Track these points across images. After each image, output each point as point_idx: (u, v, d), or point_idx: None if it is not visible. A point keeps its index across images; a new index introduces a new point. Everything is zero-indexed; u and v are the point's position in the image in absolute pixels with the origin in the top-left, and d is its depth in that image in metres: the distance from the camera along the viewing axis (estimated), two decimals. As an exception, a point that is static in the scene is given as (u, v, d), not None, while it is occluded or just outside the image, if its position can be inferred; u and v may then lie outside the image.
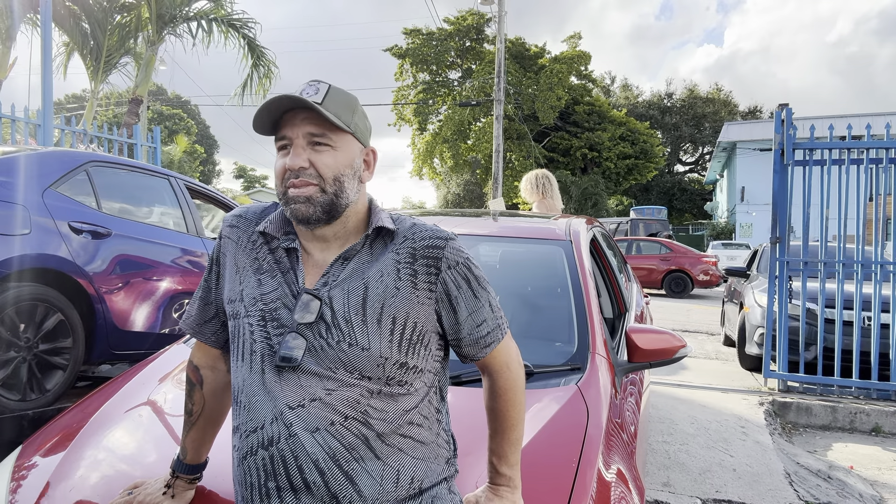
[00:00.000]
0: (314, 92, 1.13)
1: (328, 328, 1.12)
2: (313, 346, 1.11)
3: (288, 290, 1.16)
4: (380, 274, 1.15)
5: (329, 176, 1.14)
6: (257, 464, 1.10)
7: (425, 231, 1.19)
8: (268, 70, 12.33)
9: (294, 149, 1.14)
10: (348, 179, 1.17)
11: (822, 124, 5.77)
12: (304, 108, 1.13)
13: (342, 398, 1.09)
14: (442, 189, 40.21)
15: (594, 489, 1.41)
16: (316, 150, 1.14)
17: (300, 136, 1.14)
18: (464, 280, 1.18)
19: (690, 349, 2.19)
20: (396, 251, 1.17)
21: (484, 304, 1.21)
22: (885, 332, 5.24)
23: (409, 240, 1.18)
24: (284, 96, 1.12)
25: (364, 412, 1.10)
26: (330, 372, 1.10)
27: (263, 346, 1.13)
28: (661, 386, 5.69)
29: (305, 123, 1.14)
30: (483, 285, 1.22)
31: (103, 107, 18.72)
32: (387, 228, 1.18)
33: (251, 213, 1.29)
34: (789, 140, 5.36)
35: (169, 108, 42.48)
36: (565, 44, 37.80)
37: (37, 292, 3.25)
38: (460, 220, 2.84)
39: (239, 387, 1.16)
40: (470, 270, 1.20)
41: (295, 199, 1.13)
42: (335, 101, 1.14)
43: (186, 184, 4.70)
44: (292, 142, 1.14)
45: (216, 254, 1.30)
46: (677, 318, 11.21)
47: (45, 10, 7.17)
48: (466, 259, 1.20)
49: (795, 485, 3.68)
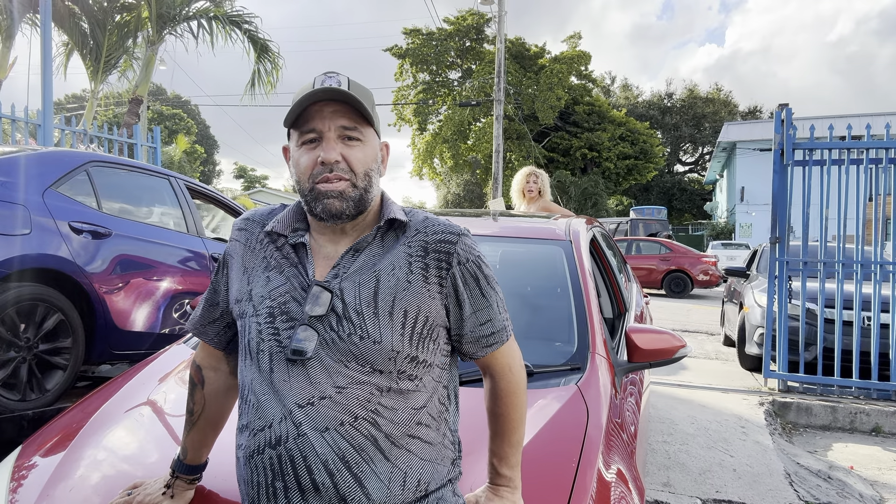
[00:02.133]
0: (337, 84, 1.11)
1: (339, 320, 1.10)
2: (325, 340, 1.09)
3: (297, 283, 1.14)
4: (391, 266, 1.13)
5: (360, 171, 1.13)
6: (264, 463, 1.09)
7: (438, 225, 1.18)
8: (274, 63, 12.25)
9: (326, 142, 1.11)
10: (374, 174, 1.17)
11: (822, 124, 5.77)
12: (336, 100, 1.10)
13: (353, 396, 1.08)
14: (442, 189, 40.22)
15: (594, 489, 1.41)
16: (348, 144, 1.13)
17: (332, 129, 1.11)
18: (472, 277, 1.18)
19: (690, 349, 2.20)
20: (408, 244, 1.16)
21: (491, 304, 1.20)
22: (884, 332, 5.24)
23: (422, 233, 1.17)
24: (328, 89, 1.09)
25: (374, 411, 1.09)
26: (341, 366, 1.09)
27: (272, 342, 1.12)
28: (661, 386, 5.69)
29: (337, 116, 1.11)
30: (492, 285, 1.21)
31: (103, 107, 18.72)
32: (399, 220, 1.17)
33: (259, 216, 1.28)
34: (789, 140, 5.36)
35: (169, 108, 42.48)
36: (565, 44, 37.82)
37: (37, 292, 3.25)
38: (460, 221, 2.84)
39: (247, 385, 1.15)
40: (480, 269, 1.19)
41: (328, 193, 1.11)
42: (359, 94, 1.12)
43: (187, 184, 4.70)
44: (323, 135, 1.12)
45: (226, 256, 1.29)
46: (677, 318, 11.21)
47: (45, 9, 7.17)
48: (478, 257, 1.19)
49: (795, 485, 3.68)
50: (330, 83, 1.11)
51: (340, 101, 1.11)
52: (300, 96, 1.12)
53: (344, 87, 1.10)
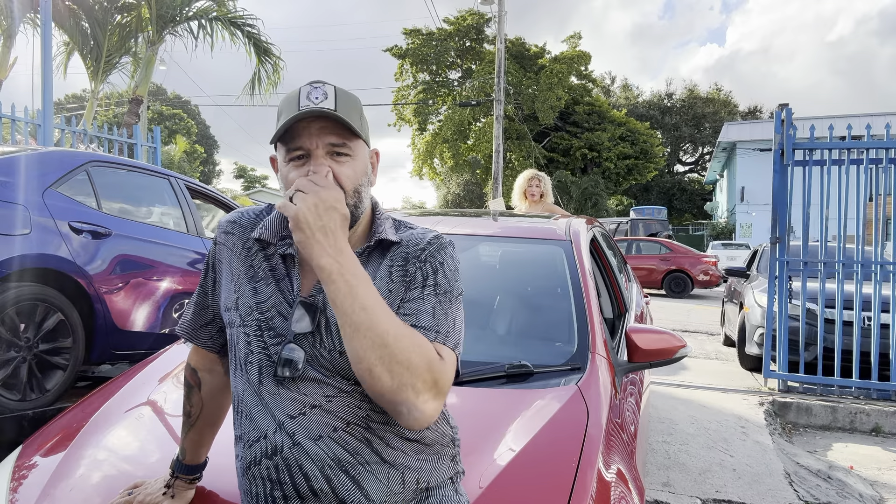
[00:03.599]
0: (323, 96, 1.08)
1: (322, 337, 1.10)
2: (311, 356, 1.09)
3: (283, 297, 1.13)
4: (374, 279, 1.12)
5: (350, 188, 1.11)
6: (262, 473, 1.09)
7: (418, 236, 1.17)
8: (275, 65, 12.21)
9: (315, 160, 1.09)
10: (364, 188, 1.15)
11: (822, 124, 5.76)
12: (323, 117, 1.08)
13: (342, 405, 1.08)
14: (442, 189, 40.22)
15: (594, 489, 1.41)
16: (336, 160, 1.10)
17: (320, 146, 1.09)
18: (422, 275, 1.12)
19: (690, 349, 2.20)
20: (391, 258, 1.15)
21: (424, 301, 1.10)
22: (885, 332, 5.24)
23: (404, 246, 1.16)
24: (314, 110, 1.06)
25: (366, 417, 1.09)
26: (327, 379, 1.09)
27: (261, 356, 1.11)
28: (661, 386, 5.69)
29: (325, 133, 1.09)
30: (437, 292, 1.11)
31: (103, 107, 18.72)
32: (388, 241, 1.16)
33: (246, 219, 1.24)
34: (789, 140, 5.36)
35: (169, 109, 42.48)
36: (565, 44, 37.84)
37: (37, 292, 3.25)
38: (460, 220, 2.84)
39: (239, 396, 1.15)
40: (435, 273, 1.12)
41: None
42: (346, 105, 1.10)
43: (186, 184, 4.71)
44: (311, 153, 1.09)
45: (212, 259, 1.27)
46: (677, 318, 11.21)
47: (45, 9, 7.17)
48: (440, 263, 1.14)
49: (795, 485, 3.68)
50: (316, 95, 1.08)
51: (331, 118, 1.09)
52: (287, 113, 1.09)
53: (330, 101, 1.07)
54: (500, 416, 1.66)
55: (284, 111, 1.10)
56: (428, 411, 1.01)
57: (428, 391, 1.00)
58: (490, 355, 1.94)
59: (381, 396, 1.00)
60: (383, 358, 0.97)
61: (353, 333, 0.98)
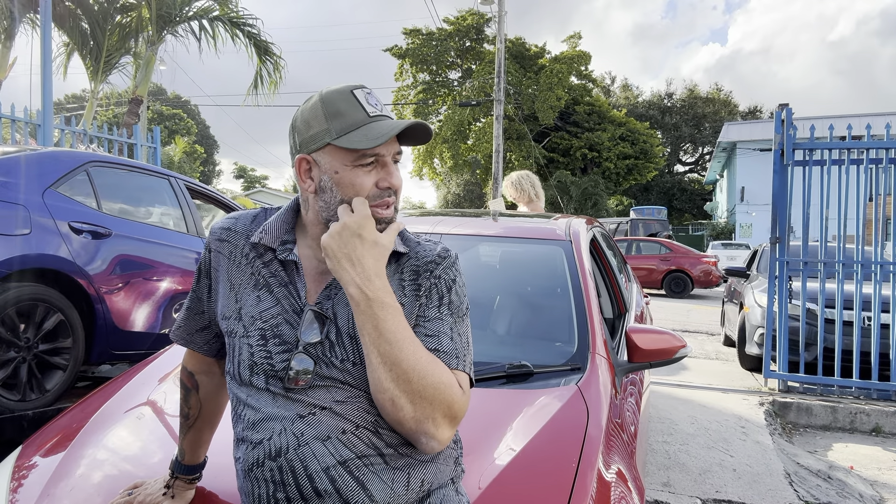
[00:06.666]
0: (378, 103, 1.11)
1: (332, 346, 1.09)
2: (321, 365, 1.09)
3: (288, 305, 1.12)
4: None
5: (400, 194, 1.14)
6: (265, 475, 1.08)
7: (427, 249, 1.18)
8: (276, 65, 12.22)
9: (387, 166, 1.10)
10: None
11: (822, 124, 5.77)
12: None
13: (352, 408, 1.08)
14: (442, 189, 40.23)
15: (594, 489, 1.41)
16: (396, 168, 1.13)
17: (390, 154, 1.11)
18: (437, 293, 1.14)
19: (690, 349, 2.20)
20: (401, 270, 1.15)
21: (444, 322, 1.12)
22: (885, 332, 5.24)
23: (413, 259, 1.17)
24: (416, 122, 1.08)
25: (375, 421, 1.09)
26: (337, 385, 1.09)
27: (265, 366, 1.10)
28: (661, 386, 5.69)
29: (393, 141, 1.10)
30: (452, 310, 1.14)
31: (103, 107, 18.72)
32: (397, 251, 1.17)
33: (241, 225, 1.22)
34: (789, 140, 5.36)
35: (169, 109, 42.48)
36: (565, 44, 37.82)
37: (37, 292, 3.25)
38: (460, 220, 2.84)
39: (241, 400, 1.14)
40: (449, 290, 1.15)
41: (383, 219, 1.10)
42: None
43: (186, 184, 4.70)
44: (380, 159, 1.09)
45: (206, 266, 1.24)
46: (677, 318, 11.21)
47: (45, 10, 7.16)
48: (452, 280, 1.16)
49: (795, 485, 3.68)
50: (375, 101, 1.10)
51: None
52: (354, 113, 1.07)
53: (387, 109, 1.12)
54: (500, 416, 1.66)
55: (349, 111, 1.08)
56: (444, 439, 1.06)
57: (447, 424, 1.04)
58: (490, 355, 1.94)
59: (401, 425, 1.03)
60: (407, 392, 1.01)
61: (379, 364, 1.01)
